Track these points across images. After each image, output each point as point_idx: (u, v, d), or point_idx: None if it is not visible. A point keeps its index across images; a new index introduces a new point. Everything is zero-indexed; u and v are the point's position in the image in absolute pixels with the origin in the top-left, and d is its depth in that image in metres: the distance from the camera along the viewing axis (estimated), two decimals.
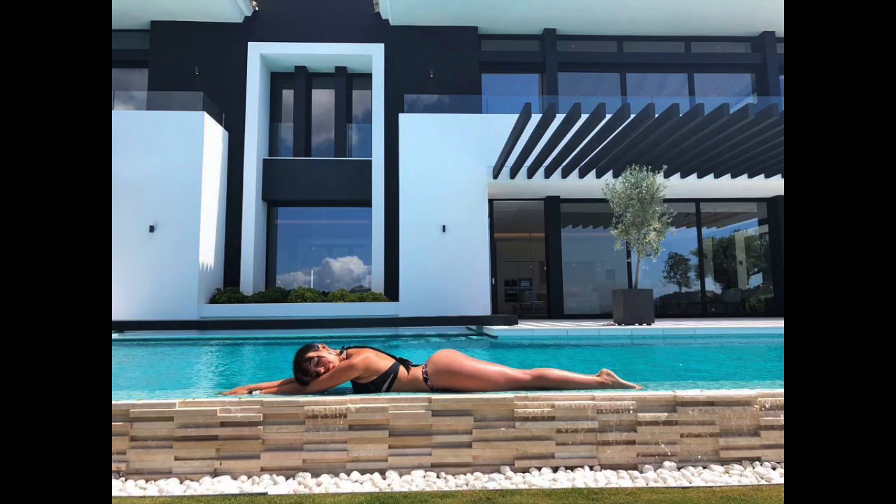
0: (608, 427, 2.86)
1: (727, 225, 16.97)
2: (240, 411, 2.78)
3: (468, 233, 13.79)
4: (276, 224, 16.19)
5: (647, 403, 2.91)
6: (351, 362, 3.13)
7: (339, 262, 16.30)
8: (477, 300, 13.48)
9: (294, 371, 3.18)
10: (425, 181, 13.94)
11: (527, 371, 3.26)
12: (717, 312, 15.92)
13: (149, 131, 13.57)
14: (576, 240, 16.16)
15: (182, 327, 11.69)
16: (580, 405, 2.87)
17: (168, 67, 15.71)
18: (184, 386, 4.68)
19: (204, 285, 13.66)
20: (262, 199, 15.58)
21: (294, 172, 15.73)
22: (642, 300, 10.61)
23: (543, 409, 2.86)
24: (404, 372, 3.22)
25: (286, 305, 13.50)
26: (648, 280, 15.67)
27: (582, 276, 16.26)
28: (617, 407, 2.88)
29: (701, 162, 12.82)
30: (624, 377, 3.27)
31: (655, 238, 10.64)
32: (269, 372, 5.92)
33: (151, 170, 13.41)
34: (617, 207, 10.96)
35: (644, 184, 10.59)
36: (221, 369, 6.35)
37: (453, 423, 2.83)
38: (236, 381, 4.90)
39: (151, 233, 13.25)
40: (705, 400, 2.92)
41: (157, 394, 2.99)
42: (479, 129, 14.17)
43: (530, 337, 9.43)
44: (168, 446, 2.72)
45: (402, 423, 2.82)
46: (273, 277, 15.88)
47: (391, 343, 9.44)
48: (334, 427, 2.78)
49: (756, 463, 2.85)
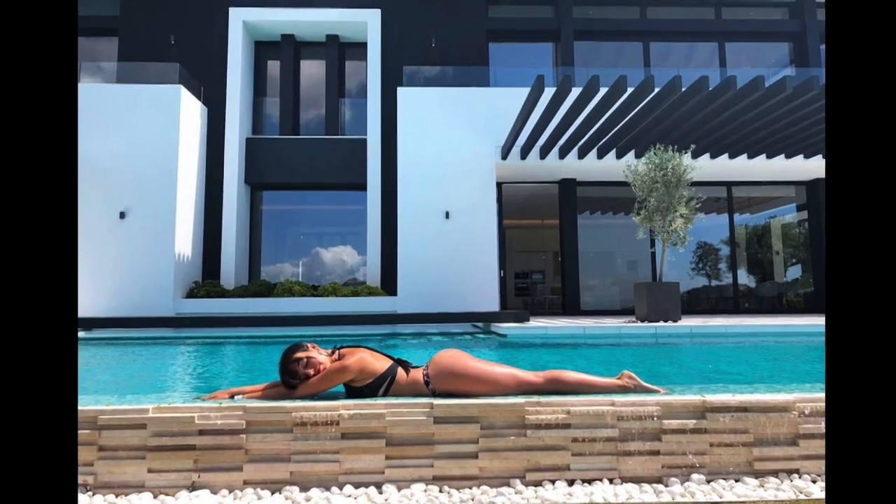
0: (630, 435, 2.85)
1: (762, 211, 16.92)
2: (220, 418, 2.77)
3: (474, 220, 13.78)
4: (261, 210, 16.19)
5: (674, 409, 2.90)
6: (344, 363, 3.12)
7: (330, 252, 16.30)
8: (484, 295, 13.49)
9: (280, 373, 3.18)
10: (426, 162, 13.91)
11: (539, 373, 3.26)
12: (751, 308, 15.90)
13: (119, 107, 13.55)
14: (594, 227, 16.12)
15: (156, 325, 11.70)
16: (599, 411, 2.87)
17: (140, 36, 15.67)
18: (158, 390, 4.68)
19: (180, 278, 13.68)
20: (244, 183, 15.58)
21: (280, 153, 15.71)
22: (668, 295, 10.59)
23: (558, 415, 2.85)
24: (403, 374, 3.22)
25: (272, 300, 13.53)
26: (674, 272, 15.64)
27: (600, 268, 16.24)
28: (639, 413, 2.87)
29: (733, 141, 12.76)
30: (647, 380, 3.26)
31: (682, 225, 10.61)
32: (252, 374, 5.91)
33: (122, 150, 13.40)
34: (639, 191, 10.92)
35: (669, 165, 10.55)
36: (200, 371, 6.35)
37: (457, 431, 2.82)
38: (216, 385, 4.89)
39: (122, 220, 13.26)
40: (738, 405, 2.91)
41: (129, 399, 2.98)
42: (486, 105, 14.13)
43: (543, 335, 9.41)
44: (140, 457, 2.72)
45: (401, 431, 2.81)
46: (257, 269, 15.90)
47: (388, 342, 9.45)
48: (325, 435, 2.78)
49: (794, 476, 2.84)
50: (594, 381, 3.22)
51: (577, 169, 14.48)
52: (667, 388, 3.24)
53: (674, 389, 3.20)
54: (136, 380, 5.57)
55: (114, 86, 13.96)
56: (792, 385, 3.32)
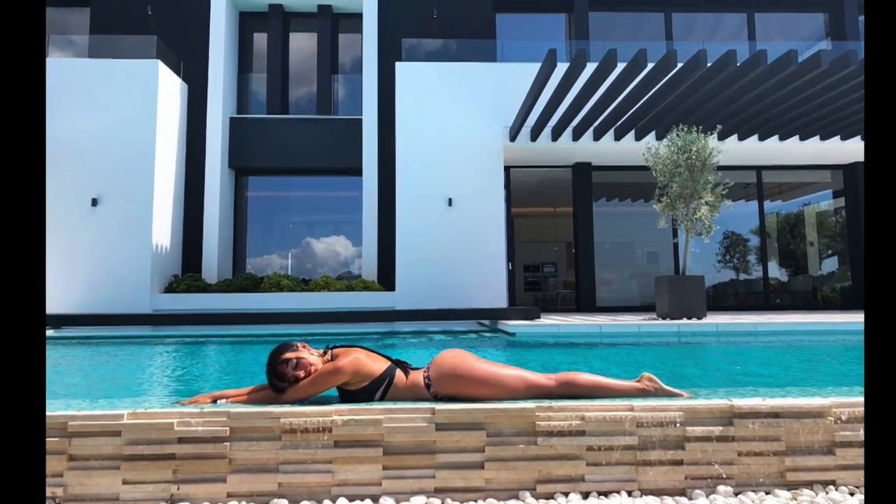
0: (650, 444, 2.85)
1: (795, 198, 16.89)
2: (202, 424, 2.77)
3: (480, 207, 13.77)
4: (247, 197, 16.19)
5: (698, 415, 2.89)
6: (337, 365, 3.12)
7: (322, 243, 16.31)
8: (490, 289, 13.49)
9: (268, 375, 3.17)
10: (427, 144, 13.89)
11: (551, 376, 3.25)
12: (783, 304, 15.89)
13: (91, 83, 13.54)
14: (611, 216, 16.10)
15: (132, 322, 11.72)
16: (616, 417, 2.86)
17: (114, 6, 15.63)
18: (134, 394, 4.68)
19: (158, 271, 13.70)
20: (228, 167, 15.57)
21: (268, 134, 15.69)
22: (692, 289, 10.57)
23: (571, 421, 2.85)
24: (402, 376, 3.21)
25: (258, 296, 13.54)
26: (699, 265, 15.63)
27: (618, 261, 16.23)
28: (661, 419, 2.87)
29: (763, 121, 12.72)
30: (669, 383, 3.25)
31: (707, 214, 10.59)
32: (237, 377, 5.92)
33: (94, 131, 13.39)
34: (661, 176, 10.90)
35: (694, 148, 10.52)
36: (179, 373, 6.35)
37: (461, 439, 2.82)
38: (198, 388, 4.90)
39: (94, 207, 13.27)
40: (768, 410, 2.90)
41: (102, 403, 2.98)
42: (492, 82, 14.09)
43: (555, 334, 9.41)
44: (114, 467, 2.71)
45: (400, 438, 2.81)
46: (242, 262, 15.92)
47: (386, 342, 9.45)
48: (317, 444, 2.77)
49: (830, 487, 2.83)
50: (611, 384, 3.21)
51: (592, 152, 14.44)
52: (690, 391, 3.23)
53: (698, 393, 3.20)
54: (110, 382, 5.58)
55: (85, 60, 13.95)
56: (828, 388, 3.31)
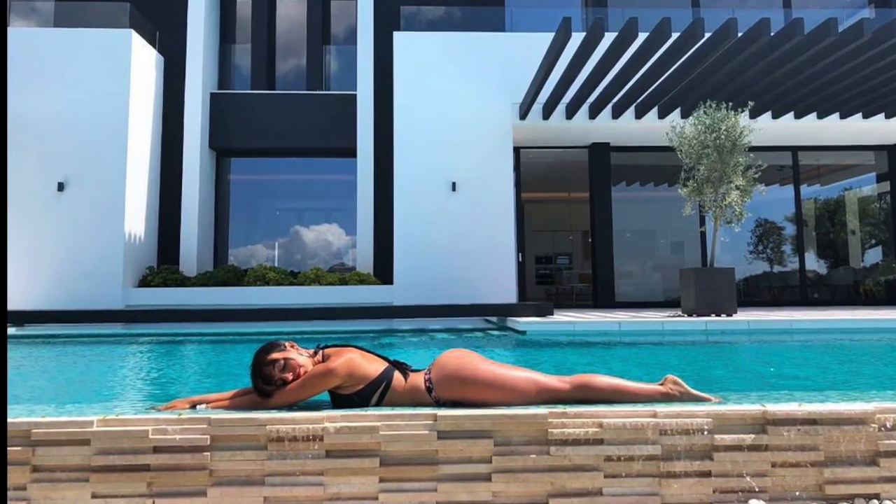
0: (675, 453, 2.84)
1: (835, 182, 16.84)
2: (180, 432, 2.77)
3: (486, 192, 13.76)
4: (229, 180, 16.19)
5: (728, 422, 2.88)
6: (328, 366, 3.11)
7: (312, 231, 16.32)
8: (498, 283, 13.49)
9: (252, 378, 3.17)
10: (429, 123, 13.87)
11: (565, 378, 3.24)
12: (822, 299, 15.87)
13: (57, 56, 13.52)
14: (631, 202, 16.08)
15: (102, 319, 11.73)
16: (637, 424, 2.85)
17: None
18: (104, 398, 4.68)
19: (131, 263, 13.72)
20: (209, 148, 15.57)
21: (252, 111, 15.68)
22: (721, 283, 10.56)
23: (588, 429, 2.84)
24: (400, 379, 3.20)
25: (241, 290, 13.56)
26: (729, 256, 15.62)
27: (639, 251, 16.22)
28: (686, 426, 2.86)
29: (799, 97, 12.67)
30: (696, 386, 3.24)
31: (738, 199, 10.56)
32: (218, 379, 5.94)
33: (61, 108, 13.39)
34: (687, 158, 10.87)
35: (723, 126, 10.48)
36: (155, 376, 6.35)
37: (466, 449, 2.82)
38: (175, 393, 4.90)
39: (61, 192, 13.28)
40: (805, 417, 2.89)
41: (69, 409, 2.97)
42: (500, 54, 14.06)
43: (570, 332, 9.41)
44: (83, 479, 2.71)
45: (398, 447, 2.80)
46: (224, 252, 15.94)
47: (383, 341, 9.46)
48: (307, 454, 2.77)
49: (873, 501, 2.83)
50: (632, 388, 3.21)
51: (610, 131, 14.42)
52: (719, 395, 3.22)
53: (728, 398, 3.19)
54: (79, 386, 5.58)
55: (51, 30, 13.94)
56: (871, 392, 3.30)
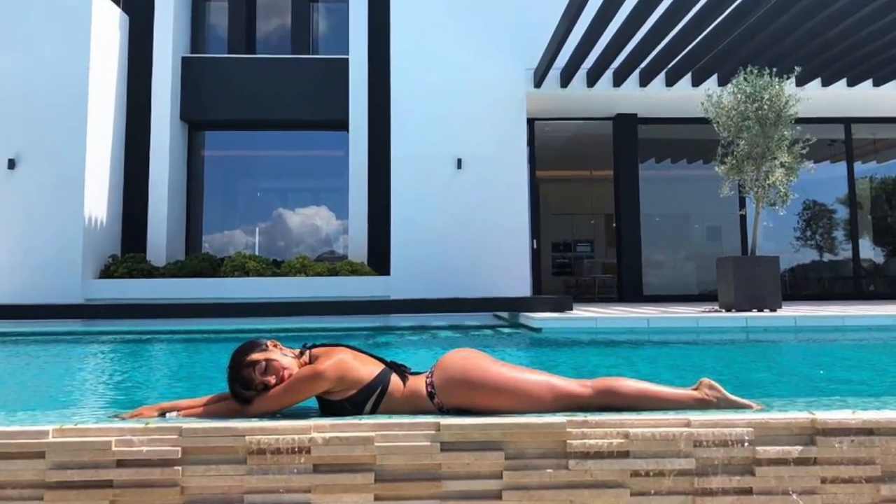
0: (711, 468, 2.83)
1: (893, 158, 16.79)
2: (147, 444, 2.76)
3: (496, 170, 13.74)
4: (203, 157, 16.19)
5: (772, 431, 2.87)
6: (317, 368, 3.11)
7: (298, 215, 16.33)
8: (509, 274, 13.48)
9: (229, 382, 3.16)
10: (431, 91, 13.83)
11: (586, 382, 3.24)
12: (878, 292, 15.83)
13: (5, 15, 13.49)
14: (661, 181, 16.07)
15: (59, 315, 11.73)
16: (668, 434, 2.85)
17: None
18: (61, 405, 4.68)
19: (92, 251, 13.73)
20: (180, 120, 15.54)
21: (230, 78, 15.65)
22: (764, 274, 10.54)
23: (612, 439, 2.83)
24: (399, 383, 3.20)
25: (217, 281, 13.59)
26: (772, 243, 15.61)
27: (671, 237, 16.21)
28: (724, 437, 2.85)
29: (853, 61, 12.63)
30: (735, 391, 3.24)
31: (783, 178, 10.54)
32: (191, 383, 5.94)
33: (10, 74, 13.37)
34: (724, 131, 10.85)
35: (766, 95, 10.45)
36: (119, 379, 6.36)
37: (474, 462, 2.81)
38: (141, 399, 4.91)
39: (11, 171, 13.28)
40: (860, 426, 2.88)
41: (21, 417, 2.97)
42: (513, 12, 14.01)
43: (591, 330, 9.41)
44: (37, 497, 2.70)
45: (396, 461, 2.80)
46: (198, 239, 15.95)
47: (378, 339, 9.47)
48: (291, 468, 2.76)
49: None
50: (662, 393, 3.21)
51: (637, 100, 14.40)
52: (762, 402, 3.22)
53: (772, 404, 3.19)
54: (32, 391, 5.59)
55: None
56: None
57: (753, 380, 5.69)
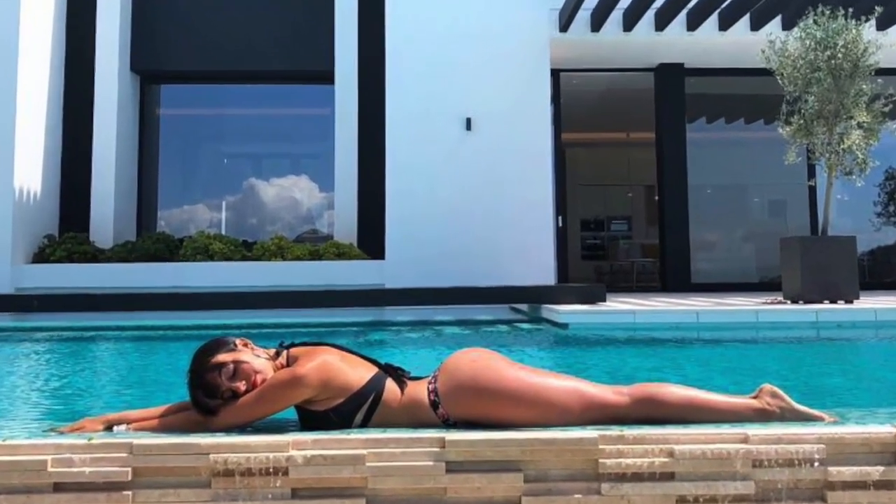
0: (774, 492, 2.84)
1: None
2: (90, 463, 2.77)
3: (513, 132, 13.73)
4: (158, 115, 16.21)
5: (847, 448, 2.88)
6: (296, 372, 3.11)
7: (273, 186, 16.35)
8: (529, 258, 13.48)
9: (191, 389, 3.16)
10: (434, 37, 13.81)
11: (622, 389, 3.24)
12: None
13: None
14: (713, 145, 16.08)
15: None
16: (721, 452, 2.85)
17: None
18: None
19: (23, 231, 13.75)
20: (131, 71, 15.53)
21: (191, 21, 15.62)
22: (837, 257, 10.53)
23: (654, 458, 2.84)
24: (395, 390, 3.20)
25: (176, 266, 13.63)
26: (848, 220, 15.60)
27: (724, 213, 16.22)
28: (790, 455, 2.85)
29: None
30: (803, 400, 3.24)
31: (861, 142, 10.51)
32: (143, 390, 5.96)
33: None
34: (790, 85, 10.83)
35: (840, 42, 10.44)
36: (56, 385, 6.39)
37: (486, 486, 2.82)
38: (83, 409, 4.93)
39: None
40: None
41: None
42: None
43: (629, 325, 9.43)
44: None
45: (392, 484, 2.81)
46: (152, 215, 15.99)
47: (371, 337, 9.51)
48: (265, 492, 2.77)
49: None
50: (714, 403, 3.21)
51: (684, 47, 14.38)
52: (835, 413, 3.23)
53: (847, 416, 3.20)
54: None
55: None
56: None
57: (825, 386, 5.70)
